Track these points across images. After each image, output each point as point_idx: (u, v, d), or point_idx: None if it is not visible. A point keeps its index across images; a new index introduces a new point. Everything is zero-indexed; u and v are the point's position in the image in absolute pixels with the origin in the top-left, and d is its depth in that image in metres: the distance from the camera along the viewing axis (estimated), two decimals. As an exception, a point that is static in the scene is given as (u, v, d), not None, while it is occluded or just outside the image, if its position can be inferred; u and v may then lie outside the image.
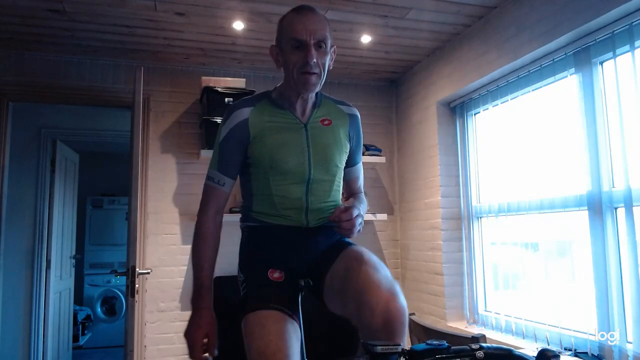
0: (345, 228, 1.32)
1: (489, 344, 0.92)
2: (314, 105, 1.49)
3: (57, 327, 4.12)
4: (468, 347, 0.90)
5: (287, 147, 1.41)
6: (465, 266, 3.05)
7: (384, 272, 1.24)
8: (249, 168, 1.47)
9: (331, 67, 1.44)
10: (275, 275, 1.43)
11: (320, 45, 1.36)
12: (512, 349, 0.92)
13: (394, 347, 0.85)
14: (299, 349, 1.31)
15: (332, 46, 1.42)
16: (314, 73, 1.36)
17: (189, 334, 1.39)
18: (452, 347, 0.89)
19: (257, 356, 1.26)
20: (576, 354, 2.13)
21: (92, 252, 5.69)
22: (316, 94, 1.49)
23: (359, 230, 1.35)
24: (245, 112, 1.43)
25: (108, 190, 5.89)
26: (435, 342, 0.89)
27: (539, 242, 2.57)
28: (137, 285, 2.44)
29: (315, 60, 1.34)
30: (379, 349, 0.85)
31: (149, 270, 2.83)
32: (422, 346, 0.90)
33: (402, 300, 1.17)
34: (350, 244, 1.45)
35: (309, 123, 1.46)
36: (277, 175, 1.41)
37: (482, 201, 3.00)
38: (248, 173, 1.48)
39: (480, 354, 0.88)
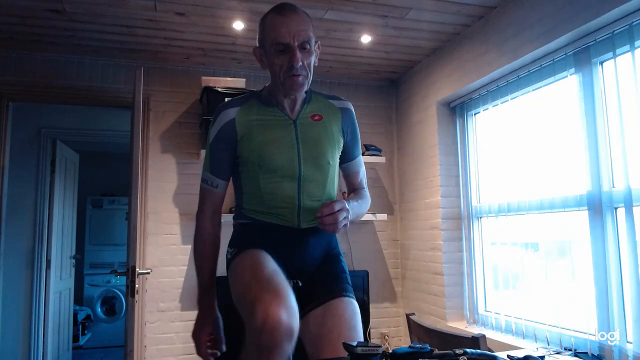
0: (326, 223, 1.29)
1: (473, 350, 0.92)
2: (304, 102, 1.48)
3: (57, 327, 4.12)
4: (452, 352, 0.90)
5: (276, 144, 1.40)
6: (465, 266, 3.05)
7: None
8: (238, 167, 1.47)
9: (317, 64, 1.44)
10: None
11: (304, 46, 1.34)
12: (497, 355, 0.91)
13: (374, 348, 0.85)
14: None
15: (316, 42, 1.41)
16: (301, 74, 1.35)
17: (194, 333, 1.45)
18: (435, 352, 0.89)
19: (248, 271, 1.29)
20: (576, 354, 2.13)
21: (92, 252, 5.69)
22: (306, 90, 1.49)
23: (344, 225, 1.31)
24: (231, 113, 1.43)
25: (108, 190, 5.89)
26: (417, 345, 0.89)
27: (539, 242, 2.57)
28: (137, 285, 2.44)
29: (301, 62, 1.34)
30: (359, 349, 0.85)
31: (149, 270, 2.83)
32: (404, 349, 0.89)
33: None
34: (341, 288, 1.43)
35: (298, 119, 1.45)
36: (266, 173, 1.40)
37: (482, 201, 3.00)
38: (238, 172, 1.47)
39: (463, 359, 0.88)
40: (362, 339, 1.34)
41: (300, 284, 1.43)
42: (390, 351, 0.89)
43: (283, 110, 1.45)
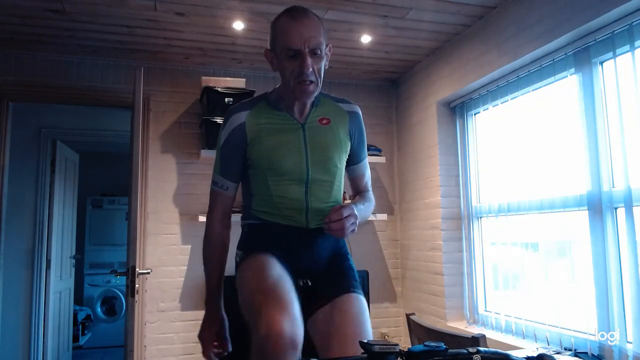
0: (334, 229, 1.30)
1: (486, 348, 0.92)
2: (312, 105, 1.48)
3: (57, 327, 4.12)
4: (465, 351, 0.90)
5: (284, 148, 1.41)
6: (465, 266, 3.05)
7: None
8: (248, 169, 1.48)
9: (327, 67, 1.43)
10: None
11: (315, 52, 1.34)
12: (510, 353, 0.91)
13: (392, 346, 0.85)
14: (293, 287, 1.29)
15: (326, 46, 1.40)
16: (311, 82, 1.36)
17: (201, 334, 1.47)
18: (450, 350, 0.89)
19: (254, 280, 1.30)
20: (576, 354, 2.13)
21: (92, 252, 5.69)
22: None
23: (352, 231, 1.32)
24: (242, 116, 1.44)
25: (108, 190, 5.89)
26: (433, 344, 0.89)
27: (539, 242, 2.57)
28: (137, 285, 2.44)
29: (311, 68, 1.33)
30: (376, 348, 0.85)
31: (149, 270, 2.83)
32: (419, 347, 0.89)
33: None
34: (349, 285, 1.42)
35: (306, 123, 1.46)
36: (275, 176, 1.42)
37: (482, 201, 3.00)
38: (247, 174, 1.49)
39: (477, 357, 0.88)
40: (370, 335, 1.34)
41: (309, 284, 1.44)
42: (405, 350, 0.89)
43: (292, 114, 1.45)
